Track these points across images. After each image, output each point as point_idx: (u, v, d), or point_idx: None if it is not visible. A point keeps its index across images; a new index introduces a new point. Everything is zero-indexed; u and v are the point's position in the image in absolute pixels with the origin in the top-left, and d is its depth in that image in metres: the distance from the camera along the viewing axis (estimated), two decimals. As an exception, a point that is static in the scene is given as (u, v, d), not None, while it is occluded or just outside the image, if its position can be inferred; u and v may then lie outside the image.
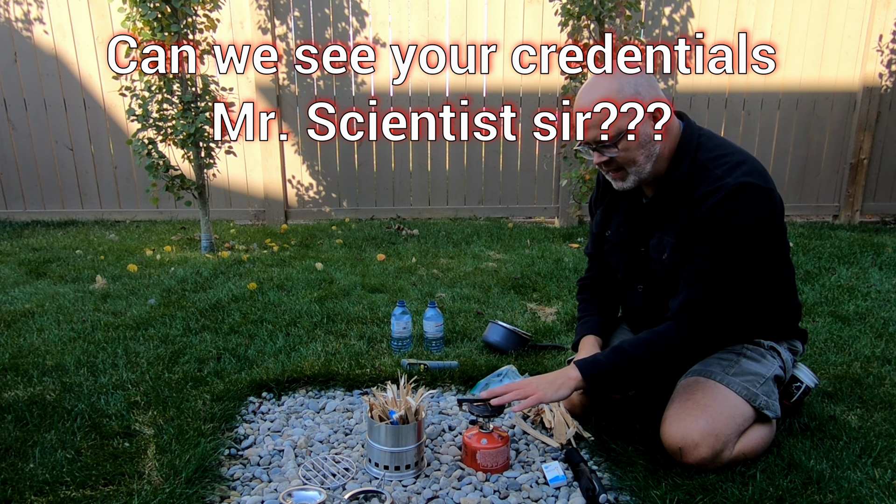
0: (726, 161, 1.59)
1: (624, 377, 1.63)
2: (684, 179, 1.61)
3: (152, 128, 3.84)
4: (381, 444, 1.63)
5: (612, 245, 1.86)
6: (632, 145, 1.58)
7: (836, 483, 1.54)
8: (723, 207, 1.53)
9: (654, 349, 1.61)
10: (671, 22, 5.08)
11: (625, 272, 1.84)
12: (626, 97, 1.55)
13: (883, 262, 3.79)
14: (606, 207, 1.88)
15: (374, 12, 4.97)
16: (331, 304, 2.97)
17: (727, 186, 1.52)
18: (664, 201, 1.66)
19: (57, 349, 2.42)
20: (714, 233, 1.55)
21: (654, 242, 1.72)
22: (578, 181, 4.55)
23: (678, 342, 1.60)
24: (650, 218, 1.73)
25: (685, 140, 1.64)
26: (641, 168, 1.62)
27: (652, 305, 1.78)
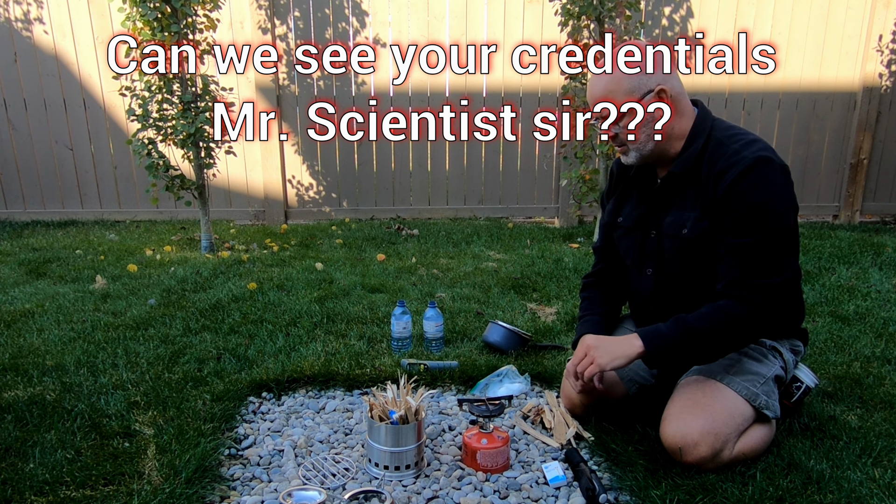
0: (741, 138, 1.64)
1: (685, 349, 1.62)
2: (700, 154, 1.66)
3: (152, 128, 3.84)
4: (381, 444, 1.63)
5: (623, 230, 1.87)
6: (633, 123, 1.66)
7: (836, 483, 1.54)
8: (744, 180, 1.56)
9: (715, 321, 1.60)
10: (671, 22, 5.08)
11: (635, 256, 1.85)
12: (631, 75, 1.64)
13: (883, 262, 3.79)
14: (619, 196, 1.91)
15: (374, 12, 4.98)
16: (331, 304, 2.97)
17: (746, 160, 1.57)
18: (681, 175, 1.69)
19: (57, 349, 2.42)
20: (740, 207, 1.57)
21: (669, 220, 1.72)
22: (578, 181, 4.55)
23: (738, 314, 1.59)
24: (664, 196, 1.75)
25: (700, 121, 1.70)
26: (642, 146, 1.69)
27: (661, 288, 1.79)
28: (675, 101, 1.67)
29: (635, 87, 1.64)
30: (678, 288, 1.75)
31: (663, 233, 1.74)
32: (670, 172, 1.71)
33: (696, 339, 1.61)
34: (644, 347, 1.62)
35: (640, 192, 1.84)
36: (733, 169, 1.57)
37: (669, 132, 1.68)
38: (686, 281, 1.74)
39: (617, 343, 1.66)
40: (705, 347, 1.63)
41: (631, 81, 1.64)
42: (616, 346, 1.65)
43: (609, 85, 1.67)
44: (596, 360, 1.63)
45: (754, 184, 1.56)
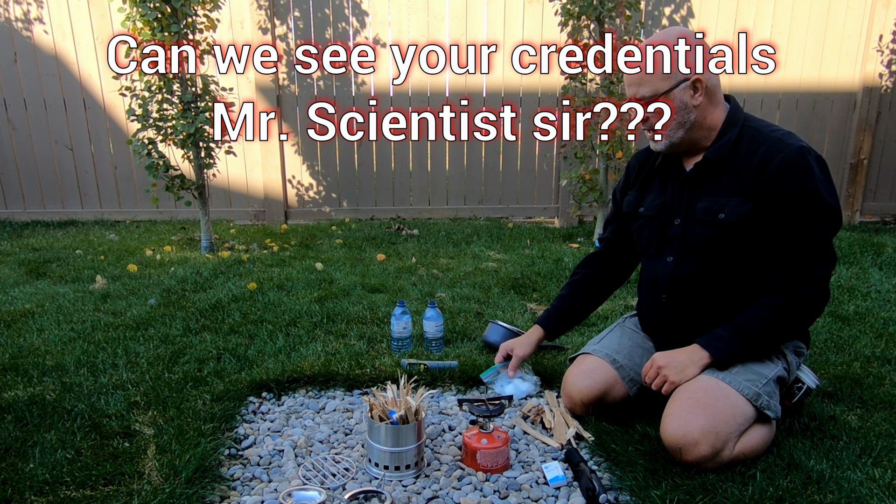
0: (778, 129, 1.69)
1: (746, 350, 1.68)
2: (735, 143, 1.70)
3: (152, 128, 3.84)
4: (381, 444, 1.63)
5: (644, 220, 1.89)
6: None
7: (836, 483, 1.54)
8: (793, 169, 1.60)
9: (769, 321, 1.67)
10: (671, 22, 5.09)
11: (657, 244, 1.86)
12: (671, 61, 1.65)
13: (883, 262, 3.79)
14: (640, 187, 1.93)
15: (374, 12, 4.98)
16: (331, 304, 2.97)
17: (791, 148, 1.61)
18: (716, 161, 1.71)
19: (57, 349, 2.42)
20: (791, 196, 1.61)
21: (702, 206, 1.73)
22: (578, 181, 4.55)
23: (793, 310, 1.66)
24: (696, 183, 1.76)
25: (733, 113, 1.74)
26: (672, 133, 1.71)
27: (679, 274, 1.79)
28: (710, 92, 1.70)
29: (672, 73, 1.66)
30: (698, 274, 1.76)
31: (695, 219, 1.75)
32: (705, 158, 1.73)
33: (756, 339, 1.68)
34: (712, 356, 1.68)
35: (664, 182, 1.85)
36: (779, 156, 1.61)
37: (701, 122, 1.71)
38: (710, 268, 1.75)
39: (684, 357, 1.71)
40: (763, 345, 1.70)
41: (669, 66, 1.66)
42: (684, 361, 1.71)
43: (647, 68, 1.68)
44: (669, 379, 1.70)
45: (802, 172, 1.60)
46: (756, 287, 1.71)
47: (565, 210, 5.24)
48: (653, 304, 1.91)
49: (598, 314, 2.83)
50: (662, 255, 1.84)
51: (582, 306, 2.14)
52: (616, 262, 2.10)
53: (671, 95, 1.67)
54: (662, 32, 1.70)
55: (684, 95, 1.67)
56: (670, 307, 1.84)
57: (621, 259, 2.10)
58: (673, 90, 1.67)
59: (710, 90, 1.69)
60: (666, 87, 1.67)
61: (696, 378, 1.68)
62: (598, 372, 1.89)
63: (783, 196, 1.62)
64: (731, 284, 1.74)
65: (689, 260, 1.78)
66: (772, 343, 1.71)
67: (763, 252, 1.68)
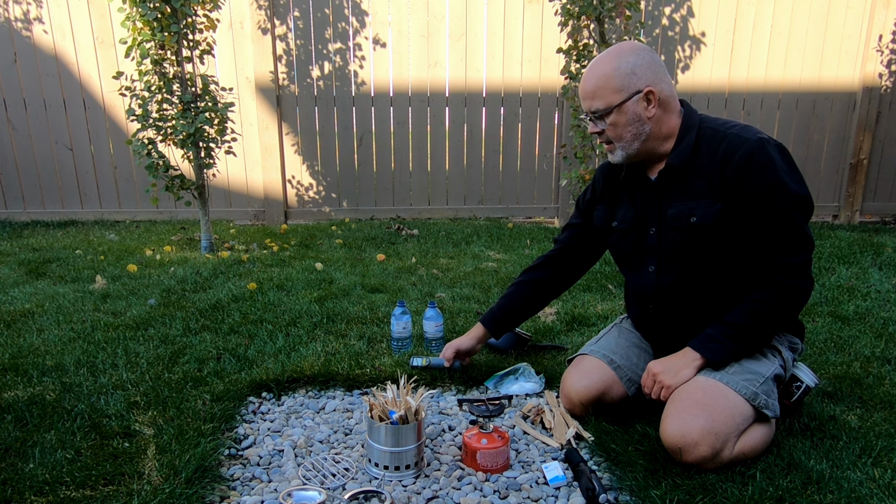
0: (734, 124, 1.70)
1: (738, 347, 1.69)
2: (696, 145, 1.70)
3: (152, 128, 3.84)
4: (381, 444, 1.63)
5: (619, 234, 1.89)
6: (619, 121, 1.70)
7: (835, 483, 1.54)
8: (754, 161, 1.60)
9: (758, 314, 1.68)
10: (671, 22, 5.09)
11: (636, 255, 1.86)
12: (622, 75, 1.67)
13: (883, 262, 3.79)
14: (608, 201, 1.94)
15: (374, 12, 4.98)
16: (331, 304, 2.97)
17: (749, 141, 1.62)
18: (678, 168, 1.71)
19: (57, 349, 2.42)
20: (756, 189, 1.61)
21: (673, 212, 1.74)
22: (578, 181, 4.55)
23: (779, 301, 1.67)
24: (662, 191, 1.77)
25: (687, 118, 1.75)
26: (628, 145, 1.73)
27: (664, 282, 1.80)
28: (664, 102, 1.70)
29: (624, 86, 1.67)
30: (683, 279, 1.77)
31: (667, 226, 1.75)
32: (668, 165, 1.73)
33: (746, 335, 1.68)
34: (704, 357, 1.69)
35: (633, 194, 1.85)
36: (739, 151, 1.61)
37: (657, 133, 1.72)
38: (691, 273, 1.75)
39: (678, 360, 1.72)
40: (754, 339, 1.70)
41: (620, 80, 1.67)
42: (678, 364, 1.72)
43: (599, 81, 1.70)
44: (665, 383, 1.70)
45: (764, 163, 1.60)
46: (741, 284, 1.71)
47: (565, 210, 5.24)
48: (642, 314, 1.93)
49: (597, 314, 2.84)
50: (644, 266, 1.84)
51: (525, 308, 2.17)
52: (566, 266, 2.12)
53: (623, 108, 1.68)
54: (615, 46, 1.72)
55: (637, 108, 1.68)
56: (659, 316, 1.86)
57: (572, 264, 2.12)
58: (625, 103, 1.67)
59: (664, 100, 1.70)
60: (618, 101, 1.68)
61: (693, 379, 1.68)
62: (595, 372, 1.89)
63: (749, 190, 1.62)
64: (716, 285, 1.74)
65: (670, 267, 1.78)
66: (762, 337, 1.72)
67: (740, 248, 1.68)
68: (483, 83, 5.15)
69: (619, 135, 1.72)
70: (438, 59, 5.07)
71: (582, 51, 4.42)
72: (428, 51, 5.05)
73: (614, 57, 1.68)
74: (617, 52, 1.69)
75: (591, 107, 1.73)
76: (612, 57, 1.68)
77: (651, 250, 1.81)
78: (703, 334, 1.73)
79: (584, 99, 1.74)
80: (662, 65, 1.72)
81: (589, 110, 1.74)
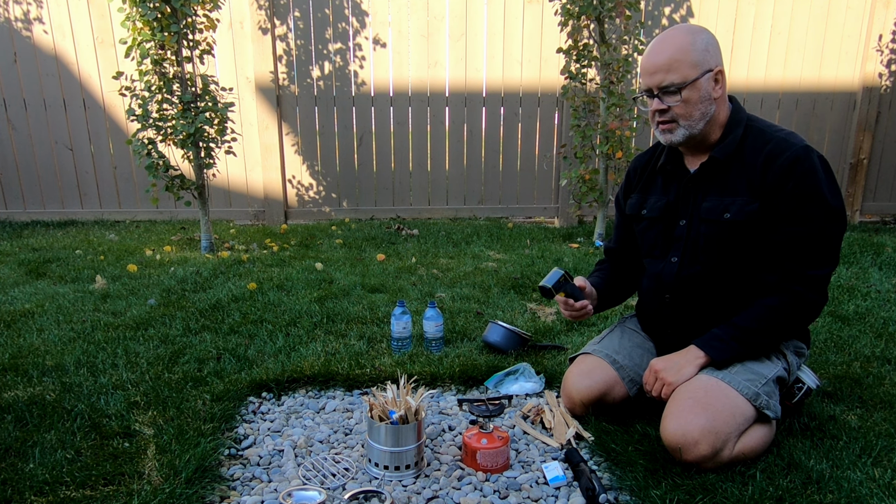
0: (781, 129, 1.70)
1: (742, 349, 1.69)
2: (741, 141, 1.70)
3: (152, 128, 3.84)
4: (381, 444, 1.63)
5: (647, 222, 1.89)
6: (692, 98, 1.66)
7: (835, 483, 1.54)
8: (799, 167, 1.60)
9: (764, 320, 1.69)
10: (671, 22, 5.08)
11: (661, 245, 1.86)
12: (698, 50, 1.65)
13: (883, 262, 3.79)
14: (641, 190, 1.94)
15: (374, 12, 4.98)
16: (331, 304, 2.97)
17: (796, 147, 1.62)
18: (722, 161, 1.71)
19: (57, 349, 2.42)
20: (796, 193, 1.61)
21: (707, 206, 1.74)
22: (578, 181, 4.55)
23: (788, 309, 1.68)
24: (702, 183, 1.76)
25: (736, 112, 1.75)
26: (695, 124, 1.70)
27: (685, 274, 1.79)
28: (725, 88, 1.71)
29: (700, 62, 1.65)
30: (704, 273, 1.76)
31: (700, 218, 1.75)
32: (711, 157, 1.73)
33: (752, 338, 1.69)
34: (709, 356, 1.69)
35: (668, 183, 1.85)
36: (784, 154, 1.62)
37: (715, 117, 1.72)
38: (716, 268, 1.75)
39: (680, 358, 1.73)
40: (760, 343, 1.71)
41: (696, 55, 1.65)
42: (681, 361, 1.72)
43: (676, 54, 1.65)
44: (667, 380, 1.71)
45: (808, 170, 1.60)
46: (757, 285, 1.71)
47: (565, 210, 5.24)
48: (655, 303, 1.91)
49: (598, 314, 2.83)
50: (667, 256, 1.84)
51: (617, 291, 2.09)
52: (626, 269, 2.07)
53: (697, 84, 1.65)
54: (683, 25, 1.70)
55: (708, 86, 1.66)
56: (674, 307, 1.85)
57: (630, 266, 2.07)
58: (699, 79, 1.65)
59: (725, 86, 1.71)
60: (694, 76, 1.64)
61: (695, 378, 1.68)
62: (598, 372, 1.89)
63: (787, 194, 1.62)
64: (736, 284, 1.74)
65: (694, 260, 1.78)
66: (768, 342, 1.72)
67: (765, 251, 1.68)
68: (483, 83, 5.15)
69: (689, 112, 1.67)
70: (438, 59, 5.07)
71: (582, 51, 4.42)
72: (428, 51, 5.05)
73: (688, 32, 1.66)
74: (689, 28, 1.68)
75: (663, 81, 1.66)
76: (686, 32, 1.66)
77: (678, 241, 1.81)
78: (709, 333, 1.73)
79: (653, 73, 1.66)
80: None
81: (659, 85, 1.67)
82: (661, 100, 1.68)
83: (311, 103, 5.09)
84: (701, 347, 1.71)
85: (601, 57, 4.36)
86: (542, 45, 5.04)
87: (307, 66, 5.03)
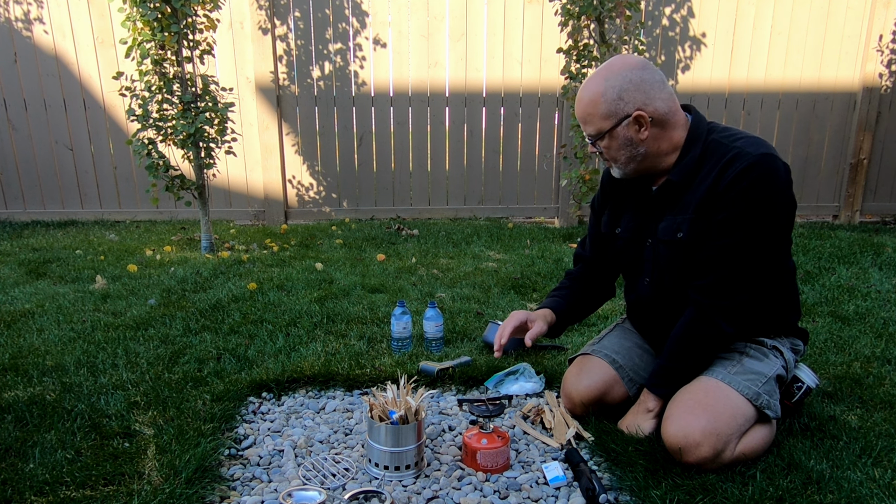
0: (741, 137, 1.64)
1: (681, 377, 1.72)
2: (698, 160, 1.66)
3: (152, 128, 3.84)
4: (381, 444, 1.63)
5: (622, 242, 1.86)
6: (612, 145, 1.68)
7: (836, 483, 1.54)
8: (749, 175, 1.55)
9: (685, 342, 1.70)
10: (672, 22, 5.08)
11: (634, 266, 1.86)
12: (609, 101, 1.62)
13: (883, 262, 3.79)
14: (613, 207, 1.89)
15: (374, 12, 4.98)
16: (331, 305, 2.97)
17: (751, 156, 1.56)
18: (678, 183, 1.68)
19: (57, 349, 2.42)
20: (741, 202, 1.57)
21: (663, 226, 1.71)
22: (578, 181, 4.55)
23: (701, 330, 1.68)
24: (660, 203, 1.74)
25: (695, 128, 1.69)
26: (624, 166, 1.72)
27: (658, 294, 1.80)
28: (661, 121, 1.64)
29: (611, 112, 1.63)
30: (675, 294, 1.75)
31: (658, 239, 1.74)
32: (668, 181, 1.69)
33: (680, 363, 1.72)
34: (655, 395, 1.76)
35: (636, 203, 1.82)
36: (738, 163, 1.56)
37: (655, 151, 1.67)
38: (680, 286, 1.73)
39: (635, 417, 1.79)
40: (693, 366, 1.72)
41: (607, 106, 1.62)
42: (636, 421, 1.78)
43: (588, 108, 1.66)
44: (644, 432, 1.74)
45: (758, 179, 1.55)
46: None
47: (565, 210, 5.24)
48: (642, 314, 1.94)
49: (598, 314, 2.83)
50: (641, 277, 1.84)
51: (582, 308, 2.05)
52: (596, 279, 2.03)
53: (614, 133, 1.64)
54: (604, 66, 1.65)
55: (629, 132, 1.63)
56: (656, 323, 1.87)
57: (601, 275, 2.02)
58: (615, 129, 1.63)
59: (660, 119, 1.63)
60: (608, 127, 1.64)
61: (696, 379, 1.69)
62: (597, 372, 1.89)
63: (730, 202, 1.57)
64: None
65: (662, 280, 1.77)
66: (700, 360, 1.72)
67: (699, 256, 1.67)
68: (483, 83, 5.15)
69: (614, 157, 1.70)
70: (438, 60, 5.07)
71: (582, 51, 4.43)
72: (428, 51, 5.05)
73: (602, 80, 1.62)
74: (605, 73, 1.63)
75: (584, 131, 1.72)
76: (600, 80, 1.63)
77: (646, 262, 1.80)
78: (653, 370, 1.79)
79: (579, 123, 1.73)
80: (658, 80, 1.62)
81: (585, 133, 1.73)
82: (592, 144, 1.73)
83: (312, 103, 5.09)
84: (648, 388, 1.78)
85: (601, 57, 4.36)
86: (542, 46, 5.04)
87: (307, 67, 5.03)
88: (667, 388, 1.73)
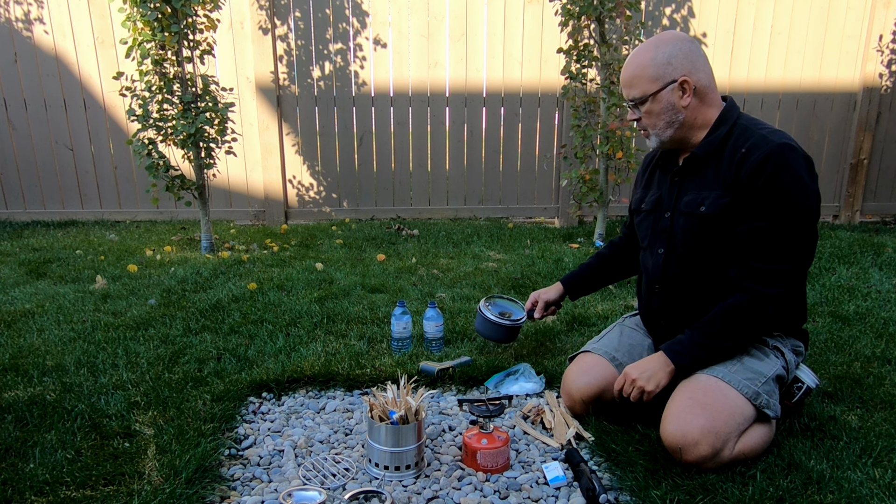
0: (767, 127, 1.71)
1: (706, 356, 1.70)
2: (723, 139, 1.73)
3: (152, 128, 3.84)
4: (381, 444, 1.63)
5: (643, 214, 1.94)
6: (654, 109, 1.74)
7: (836, 483, 1.54)
8: (771, 162, 1.60)
9: (724, 323, 1.68)
10: (672, 22, 5.08)
11: (651, 237, 1.89)
12: (658, 65, 1.70)
13: (883, 262, 3.79)
14: (644, 185, 1.99)
15: (375, 12, 4.98)
16: (331, 305, 2.97)
17: (772, 143, 1.62)
18: (701, 157, 1.75)
19: (57, 349, 2.42)
20: (765, 188, 1.61)
21: (687, 199, 1.77)
22: (578, 181, 4.55)
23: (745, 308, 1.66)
24: (684, 178, 1.80)
25: (727, 112, 1.77)
26: (661, 132, 1.77)
27: (669, 266, 1.83)
28: (701, 93, 1.72)
29: (660, 75, 1.70)
30: (686, 267, 1.79)
31: (679, 211, 1.78)
32: (692, 154, 1.76)
33: (713, 342, 1.69)
34: (672, 362, 1.70)
35: (661, 177, 1.90)
36: (759, 150, 1.62)
37: (691, 122, 1.75)
38: (695, 260, 1.77)
39: (653, 364, 1.73)
40: (722, 347, 1.69)
41: (656, 69, 1.70)
42: (653, 368, 1.72)
43: (636, 70, 1.73)
44: (646, 389, 1.70)
45: (780, 167, 1.60)
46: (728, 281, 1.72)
47: (565, 210, 5.24)
48: (649, 294, 1.94)
49: (598, 314, 2.83)
50: (655, 247, 1.88)
51: (603, 277, 2.27)
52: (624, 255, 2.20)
53: (658, 97, 1.71)
54: (656, 36, 1.74)
55: (672, 97, 1.71)
56: (663, 298, 1.87)
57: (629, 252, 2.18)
58: (660, 92, 1.71)
59: (701, 91, 1.72)
60: (654, 89, 1.71)
61: (694, 377, 1.68)
62: (597, 370, 1.89)
63: (757, 188, 1.62)
64: (717, 277, 1.75)
65: (675, 251, 1.81)
66: (731, 345, 1.70)
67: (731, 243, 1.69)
68: (483, 83, 5.15)
69: (654, 122, 1.75)
70: (439, 60, 5.07)
71: (582, 51, 4.43)
72: (428, 51, 5.05)
73: (653, 47, 1.71)
74: (656, 41, 1.72)
75: (628, 95, 1.77)
76: (651, 47, 1.72)
77: (663, 233, 1.84)
78: (675, 338, 1.75)
79: (622, 87, 1.79)
80: (703, 55, 1.73)
81: (627, 98, 1.78)
82: (633, 110, 1.80)
83: (312, 103, 5.09)
84: (666, 353, 1.72)
85: (602, 57, 4.36)
86: (542, 46, 5.04)
87: (308, 67, 5.03)
88: (689, 361, 1.70)
